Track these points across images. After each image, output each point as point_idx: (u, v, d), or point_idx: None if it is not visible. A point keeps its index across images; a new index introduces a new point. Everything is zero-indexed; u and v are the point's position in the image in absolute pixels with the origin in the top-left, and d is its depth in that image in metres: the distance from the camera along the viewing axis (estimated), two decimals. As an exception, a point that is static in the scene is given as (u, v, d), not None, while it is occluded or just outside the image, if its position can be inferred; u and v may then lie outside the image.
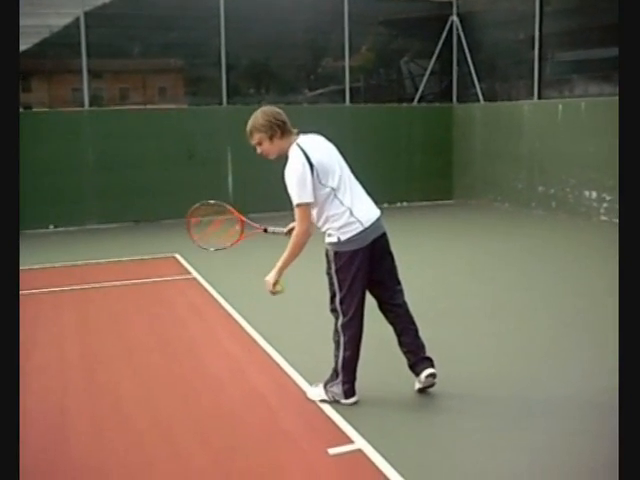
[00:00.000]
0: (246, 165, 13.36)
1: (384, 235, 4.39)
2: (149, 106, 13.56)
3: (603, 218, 11.75)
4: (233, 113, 13.54)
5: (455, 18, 15.19)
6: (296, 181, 4.19)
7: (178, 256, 9.30)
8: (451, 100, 15.56)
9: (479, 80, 14.78)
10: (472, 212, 13.80)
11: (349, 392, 4.39)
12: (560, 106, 12.67)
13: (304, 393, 4.58)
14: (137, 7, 13.34)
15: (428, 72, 15.34)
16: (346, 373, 4.38)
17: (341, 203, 4.23)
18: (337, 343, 4.40)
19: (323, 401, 4.43)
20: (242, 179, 13.42)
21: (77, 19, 12.52)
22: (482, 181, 14.59)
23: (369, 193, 4.46)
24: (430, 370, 4.42)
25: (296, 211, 4.28)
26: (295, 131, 4.37)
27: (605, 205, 11.73)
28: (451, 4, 15.31)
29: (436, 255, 9.33)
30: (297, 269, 8.43)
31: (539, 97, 13.31)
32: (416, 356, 4.45)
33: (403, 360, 4.52)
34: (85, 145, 12.55)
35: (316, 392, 4.50)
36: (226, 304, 6.88)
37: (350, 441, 3.90)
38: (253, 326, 6.10)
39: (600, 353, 5.36)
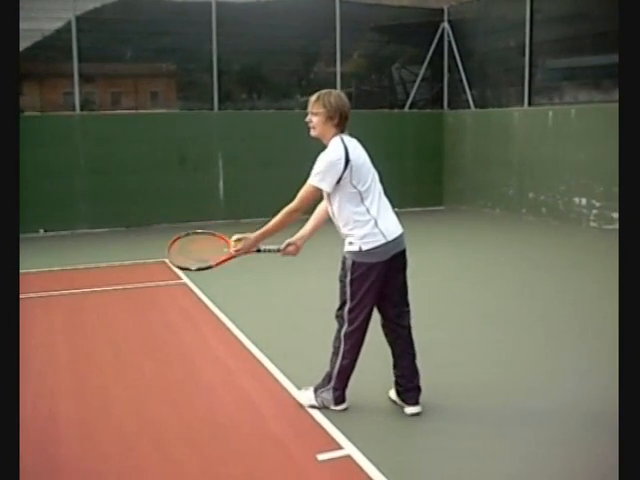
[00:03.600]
0: (237, 170, 13.42)
1: (404, 252, 4.35)
2: (141, 111, 13.55)
3: (592, 224, 11.81)
4: (224, 118, 13.58)
5: (446, 25, 15.27)
6: (325, 165, 4.16)
7: (168, 261, 9.28)
8: (442, 106, 15.63)
9: (470, 87, 14.85)
10: (463, 218, 13.85)
11: (339, 399, 4.40)
12: (550, 113, 12.75)
13: (294, 399, 4.59)
14: (129, 12, 13.35)
15: (419, 78, 15.40)
16: (339, 380, 4.38)
17: (367, 211, 4.19)
18: (336, 349, 4.37)
19: (312, 406, 4.44)
20: (233, 184, 13.45)
21: (69, 23, 12.53)
22: (473, 187, 14.65)
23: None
24: (416, 409, 4.37)
25: (304, 187, 4.24)
26: (346, 132, 4.35)
27: (595, 212, 11.80)
28: (442, 11, 15.39)
29: (426, 261, 9.35)
30: (288, 276, 8.48)
31: (529, 104, 13.39)
32: (409, 383, 4.40)
33: (389, 365, 4.50)
34: (76, 149, 12.54)
35: (306, 396, 4.50)
36: (217, 309, 6.89)
37: (339, 447, 3.91)
38: (243, 332, 6.11)
39: (592, 360, 5.40)
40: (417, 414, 4.37)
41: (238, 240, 4.37)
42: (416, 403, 4.39)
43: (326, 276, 8.44)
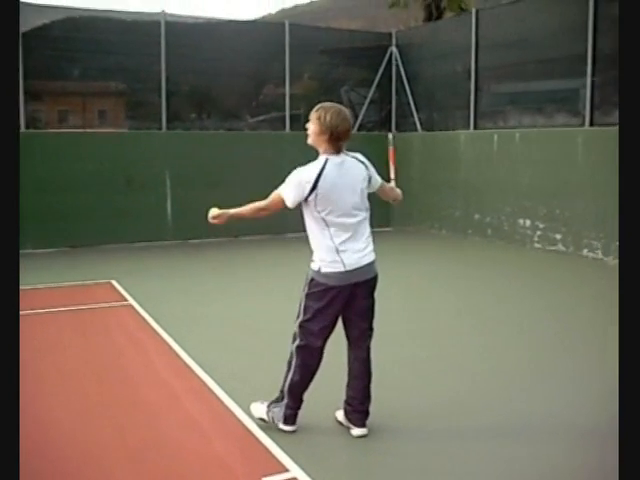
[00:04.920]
0: (185, 190, 13.34)
1: (371, 280, 4.32)
2: (88, 130, 13.41)
3: (537, 245, 12.07)
4: (172, 138, 13.52)
5: (394, 49, 15.51)
6: (293, 181, 4.18)
7: (114, 282, 9.17)
8: (390, 129, 15.82)
9: (417, 110, 15.08)
10: (410, 239, 14.01)
11: (290, 419, 4.36)
12: (495, 136, 13.02)
13: (240, 421, 4.56)
14: (77, 30, 13.20)
15: (368, 101, 15.60)
16: (292, 398, 4.35)
17: (330, 238, 4.18)
18: (289, 364, 4.37)
19: (262, 420, 4.43)
20: (181, 204, 13.36)
21: (15, 40, 12.33)
22: (420, 209, 14.83)
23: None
24: (363, 431, 4.36)
25: (275, 192, 4.30)
26: (342, 153, 4.30)
27: (538, 233, 12.06)
28: (390, 35, 15.65)
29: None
30: (235, 298, 8.44)
31: (475, 127, 13.66)
32: (360, 405, 4.39)
33: (340, 388, 4.51)
34: (21, 168, 12.26)
35: (259, 409, 4.48)
36: (162, 331, 6.81)
37: (285, 469, 3.89)
38: (189, 353, 6.05)
39: (536, 376, 5.49)
40: (363, 436, 4.37)
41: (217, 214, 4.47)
42: (363, 425, 4.39)
43: (273, 298, 8.45)
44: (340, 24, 17.88)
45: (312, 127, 4.29)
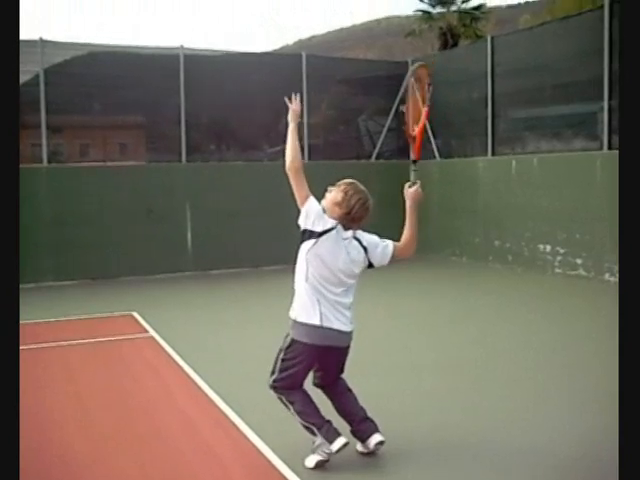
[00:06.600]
0: (205, 221, 13.43)
1: (345, 349, 4.35)
2: (109, 163, 13.57)
3: (557, 271, 11.98)
4: (192, 170, 13.64)
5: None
6: (318, 211, 4.21)
7: (135, 314, 9.21)
8: (408, 157, 15.79)
9: (435, 137, 15.10)
10: (430, 267, 13.94)
11: (332, 435, 4.19)
12: (513, 162, 13.01)
13: (260, 452, 4.53)
14: (98, 65, 13.42)
15: (385, 129, 15.66)
16: (314, 419, 4.25)
17: (316, 300, 4.18)
18: (284, 405, 4.38)
19: (321, 463, 4.24)
20: (201, 236, 13.44)
21: (37, 76, 12.57)
22: (439, 236, 14.79)
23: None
24: (378, 437, 4.31)
25: (304, 191, 4.38)
26: (350, 231, 4.28)
27: (559, 258, 11.98)
28: (407, 64, 15.72)
29: (393, 309, 9.38)
30: (257, 328, 8.44)
31: (493, 153, 13.66)
32: (355, 416, 4.37)
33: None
34: (43, 201, 12.45)
35: (310, 458, 4.29)
36: (183, 363, 6.82)
37: (306, 501, 3.86)
38: (210, 385, 6.04)
39: (548, 409, 5.43)
40: (381, 442, 4.30)
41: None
42: (376, 431, 4.33)
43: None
44: (357, 54, 18.05)
45: (333, 194, 4.30)
